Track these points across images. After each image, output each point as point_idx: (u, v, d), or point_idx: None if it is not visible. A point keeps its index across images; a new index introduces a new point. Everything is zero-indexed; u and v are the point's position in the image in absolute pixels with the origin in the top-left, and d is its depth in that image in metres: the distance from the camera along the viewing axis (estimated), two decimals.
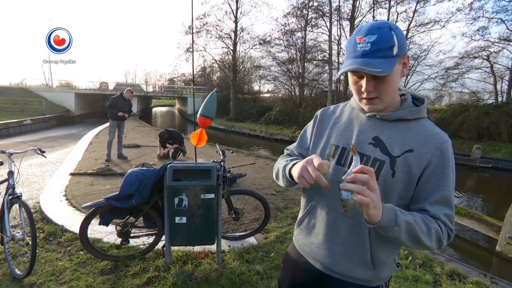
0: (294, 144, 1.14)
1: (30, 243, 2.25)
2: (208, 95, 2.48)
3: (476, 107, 16.30)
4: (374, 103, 0.86)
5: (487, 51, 18.36)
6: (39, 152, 2.62)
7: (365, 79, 0.82)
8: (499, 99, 18.07)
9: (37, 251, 2.35)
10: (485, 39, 18.35)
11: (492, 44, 18.17)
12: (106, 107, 6.81)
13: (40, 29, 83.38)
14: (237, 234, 3.20)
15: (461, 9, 18.32)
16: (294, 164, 0.93)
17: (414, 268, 2.72)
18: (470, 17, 18.37)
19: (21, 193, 2.40)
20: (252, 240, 3.10)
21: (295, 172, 0.87)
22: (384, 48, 0.78)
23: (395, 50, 0.78)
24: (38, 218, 3.52)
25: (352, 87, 0.89)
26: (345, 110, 1.00)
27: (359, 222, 0.86)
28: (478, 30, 18.37)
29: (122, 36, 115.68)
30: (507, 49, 17.85)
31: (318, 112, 1.08)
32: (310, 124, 1.09)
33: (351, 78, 0.87)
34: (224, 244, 2.93)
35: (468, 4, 17.96)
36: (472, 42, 18.86)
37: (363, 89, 0.84)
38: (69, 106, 23.74)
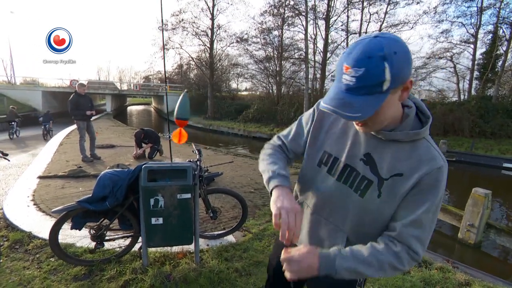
0: (289, 135, 1.09)
1: None
2: (180, 97, 2.52)
3: (442, 105, 17.38)
4: (365, 127, 0.82)
5: (451, 52, 19.71)
6: (1, 155, 2.47)
7: None
8: (462, 97, 19.40)
9: (1, 260, 2.22)
10: (448, 41, 19.69)
11: (455, 45, 19.54)
12: (69, 112, 6.53)
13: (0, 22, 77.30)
14: (216, 233, 3.21)
15: (427, 12, 19.49)
16: (276, 186, 0.91)
17: None
18: (435, 20, 19.63)
19: None
20: (230, 238, 3.13)
21: (273, 206, 0.87)
22: (370, 85, 0.68)
23: (385, 86, 0.68)
24: (1, 225, 3.31)
25: None
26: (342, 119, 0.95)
27: (339, 228, 0.91)
28: (442, 32, 19.68)
29: (95, 31, 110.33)
30: (467, 51, 19.24)
31: (317, 106, 1.00)
32: (308, 116, 1.04)
33: None
34: (203, 243, 2.92)
35: (433, 8, 19.13)
36: (437, 43, 20.19)
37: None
38: (36, 105, 22.37)
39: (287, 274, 0.80)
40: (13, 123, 11.90)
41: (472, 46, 18.71)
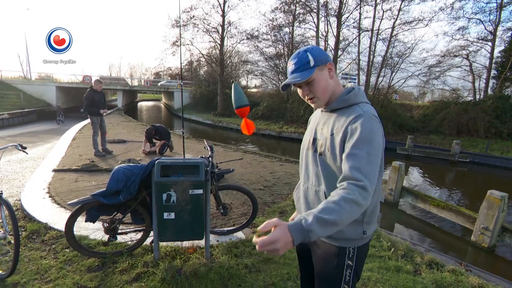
0: None
1: (13, 241, 2.20)
2: (232, 89, 2.61)
3: (456, 104, 16.92)
4: (314, 102, 1.16)
5: (467, 50, 19.07)
6: (20, 148, 2.54)
7: (302, 87, 1.14)
8: (477, 96, 18.83)
9: (20, 249, 2.30)
10: (465, 38, 19.07)
11: (471, 43, 18.90)
12: (84, 108, 6.68)
13: (17, 18, 79.35)
14: (226, 229, 3.23)
15: (443, 9, 18.86)
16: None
17: (396, 259, 2.84)
18: (451, 17, 18.99)
19: (1, 191, 2.33)
20: (240, 234, 3.15)
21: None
22: (302, 64, 1.10)
23: (311, 63, 1.09)
24: (19, 216, 3.42)
25: (300, 95, 1.19)
26: (318, 110, 1.31)
27: (319, 188, 1.15)
28: (458, 29, 19.05)
29: (106, 28, 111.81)
30: (484, 49, 18.61)
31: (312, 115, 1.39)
32: None
33: (298, 90, 1.17)
34: (213, 239, 2.95)
35: (450, 4, 18.52)
36: (453, 41, 19.56)
37: (302, 94, 1.16)
38: (50, 99, 22.87)
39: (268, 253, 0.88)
40: (59, 114, 17.43)
41: (490, 44, 18.08)
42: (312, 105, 1.20)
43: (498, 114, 15.13)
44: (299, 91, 1.18)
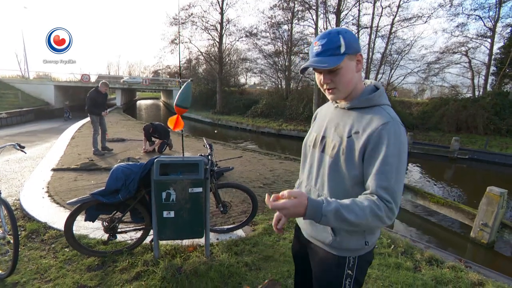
0: None
1: (12, 241, 2.19)
2: (183, 85, 2.56)
3: (455, 101, 16.93)
4: (333, 93, 1.03)
5: (466, 47, 19.07)
6: (18, 147, 2.52)
7: (322, 74, 1.01)
8: (476, 93, 18.84)
9: (19, 249, 2.29)
10: (464, 35, 19.06)
11: (471, 40, 18.90)
12: (87, 107, 6.76)
13: (14, 17, 78.86)
14: (225, 227, 3.23)
15: (442, 5, 18.86)
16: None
17: (396, 255, 2.85)
18: (450, 13, 18.98)
19: (0, 191, 2.32)
20: (240, 232, 3.15)
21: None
22: (331, 48, 0.96)
23: (342, 49, 0.95)
24: (18, 215, 3.41)
25: (316, 81, 1.06)
26: (326, 106, 1.22)
27: (322, 194, 1.07)
28: (457, 26, 19.06)
29: (105, 26, 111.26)
30: (484, 45, 18.61)
31: (316, 111, 1.30)
32: None
33: (316, 75, 1.05)
34: (213, 237, 2.95)
35: (449, 0, 18.48)
36: (452, 37, 19.55)
37: (322, 82, 1.02)
38: (49, 99, 22.75)
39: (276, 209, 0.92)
40: (66, 110, 18.81)
41: (489, 40, 18.09)
42: (329, 96, 1.06)
43: (497, 111, 15.15)
44: (317, 76, 1.04)
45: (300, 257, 1.31)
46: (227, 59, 28.08)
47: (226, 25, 25.18)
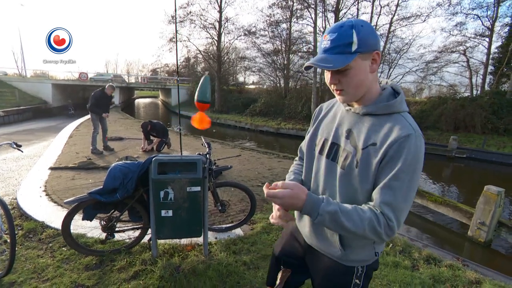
0: (303, 142, 1.24)
1: (9, 240, 2.18)
2: (201, 80, 2.52)
3: (454, 100, 16.95)
4: (341, 95, 0.93)
5: (464, 46, 19.09)
6: (15, 146, 2.50)
7: (330, 73, 0.90)
8: (474, 92, 18.89)
9: (16, 248, 2.28)
10: (462, 34, 19.05)
11: (469, 39, 18.91)
12: (89, 105, 6.78)
13: (11, 15, 78.25)
14: (224, 226, 3.22)
15: (441, 4, 18.82)
16: None
17: (394, 254, 2.86)
18: (449, 12, 18.96)
19: None
20: (238, 231, 3.14)
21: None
22: (341, 44, 0.84)
23: (354, 47, 0.83)
24: (16, 214, 3.39)
25: (326, 81, 0.96)
26: (335, 105, 1.09)
27: None
28: (456, 25, 19.04)
29: (103, 24, 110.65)
30: (482, 45, 18.63)
31: (317, 108, 1.18)
32: (312, 121, 1.19)
33: (325, 73, 0.94)
34: (211, 236, 2.95)
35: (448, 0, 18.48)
36: (450, 37, 19.55)
37: (329, 82, 0.92)
38: (46, 97, 22.65)
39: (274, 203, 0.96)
40: (70, 108, 20.64)
41: (487, 39, 18.10)
42: (338, 98, 0.96)
43: (494, 110, 15.19)
44: (326, 74, 0.93)
45: (293, 258, 1.20)
46: (225, 58, 27.98)
47: (225, 23, 25.09)
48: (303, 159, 1.23)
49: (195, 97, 2.53)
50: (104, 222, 2.54)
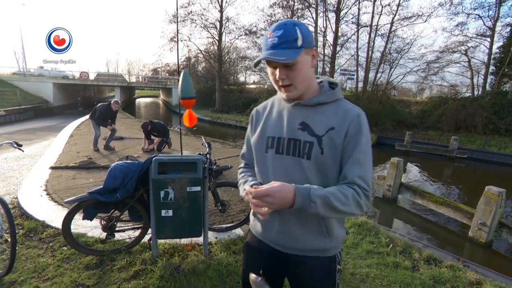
0: (245, 149, 1.23)
1: (9, 239, 2.18)
2: (181, 77, 2.52)
3: (455, 100, 16.94)
4: (289, 90, 0.96)
5: (465, 46, 19.06)
6: (15, 145, 2.50)
7: (278, 68, 0.93)
8: (475, 92, 18.85)
9: (17, 247, 2.28)
10: (463, 34, 19.02)
11: (470, 39, 18.88)
12: (95, 117, 7.04)
13: (12, 14, 78.39)
14: (224, 225, 3.22)
15: (442, 4, 18.79)
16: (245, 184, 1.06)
17: (394, 255, 2.85)
18: (450, 12, 18.94)
19: None
20: (239, 231, 3.14)
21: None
22: (288, 40, 0.89)
23: (299, 42, 0.90)
24: (16, 214, 3.40)
25: (270, 77, 0.99)
26: (275, 104, 1.11)
27: None
28: (457, 25, 19.02)
29: (104, 23, 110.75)
30: (483, 45, 18.59)
31: (253, 112, 1.18)
32: (248, 127, 1.20)
33: (269, 69, 0.97)
34: (211, 236, 2.95)
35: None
36: (451, 37, 19.52)
37: (277, 77, 0.94)
38: (47, 96, 22.65)
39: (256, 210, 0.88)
40: (79, 105, 22.97)
41: (488, 39, 18.07)
42: (284, 94, 0.99)
43: (496, 110, 15.16)
44: (271, 71, 0.96)
45: (270, 273, 1.07)
46: (226, 57, 27.99)
47: (226, 23, 25.08)
48: (249, 165, 1.19)
49: (179, 95, 2.52)
50: (105, 222, 2.54)
